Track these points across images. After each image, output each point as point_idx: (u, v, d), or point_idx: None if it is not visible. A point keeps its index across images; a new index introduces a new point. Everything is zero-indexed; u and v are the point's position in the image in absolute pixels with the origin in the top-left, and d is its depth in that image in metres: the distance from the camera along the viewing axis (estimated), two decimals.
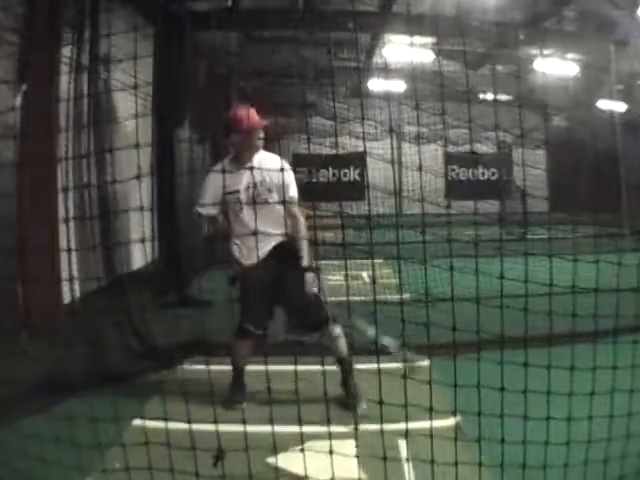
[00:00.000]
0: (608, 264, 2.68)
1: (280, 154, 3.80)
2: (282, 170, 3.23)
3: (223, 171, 3.45)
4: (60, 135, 4.75)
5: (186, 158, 7.56)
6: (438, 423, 2.68)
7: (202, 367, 2.47)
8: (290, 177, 3.61)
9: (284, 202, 3.18)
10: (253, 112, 3.63)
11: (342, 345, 3.67)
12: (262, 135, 3.64)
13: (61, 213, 4.60)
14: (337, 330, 3.64)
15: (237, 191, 3.57)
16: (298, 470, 2.49)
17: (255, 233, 2.88)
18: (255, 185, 3.54)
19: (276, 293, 3.56)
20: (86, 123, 5.03)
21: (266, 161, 3.62)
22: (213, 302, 5.53)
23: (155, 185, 6.78)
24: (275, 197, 3.55)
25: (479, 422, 2.26)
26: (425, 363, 3.25)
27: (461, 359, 2.40)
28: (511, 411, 2.26)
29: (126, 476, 2.43)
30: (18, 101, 4.54)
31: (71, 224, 4.65)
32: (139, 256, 5.39)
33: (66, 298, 5.04)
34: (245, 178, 3.54)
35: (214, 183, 3.57)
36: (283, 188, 3.37)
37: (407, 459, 2.79)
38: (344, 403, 3.55)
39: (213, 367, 2.93)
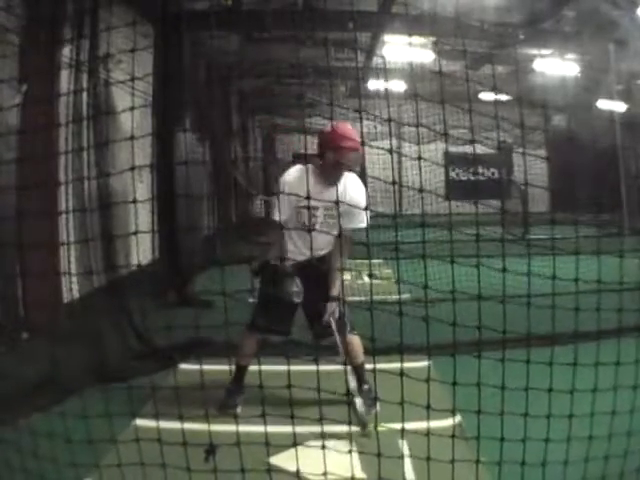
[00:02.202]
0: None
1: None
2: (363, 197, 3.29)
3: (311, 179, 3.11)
4: (60, 136, 4.76)
5: (186, 157, 7.55)
6: (438, 423, 2.69)
7: (201, 367, 2.46)
8: (364, 203, 3.51)
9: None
10: (354, 130, 3.41)
11: (357, 352, 3.66)
12: (357, 157, 3.46)
13: (62, 215, 4.62)
14: (353, 337, 3.63)
15: (315, 208, 3.37)
16: (294, 469, 2.48)
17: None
18: (336, 207, 3.26)
19: (306, 293, 3.51)
20: (85, 123, 5.03)
21: (351, 185, 3.49)
22: (214, 302, 5.57)
23: (155, 184, 6.79)
24: (343, 223, 3.35)
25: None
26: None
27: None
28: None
29: (125, 475, 2.43)
30: (18, 100, 4.54)
31: (71, 223, 4.66)
32: (139, 255, 5.37)
33: (66, 297, 5.03)
34: (327, 196, 3.29)
35: (294, 190, 3.28)
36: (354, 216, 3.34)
37: (406, 457, 2.79)
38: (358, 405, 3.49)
39: (213, 367, 2.95)
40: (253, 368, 3.48)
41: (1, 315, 4.63)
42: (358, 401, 3.44)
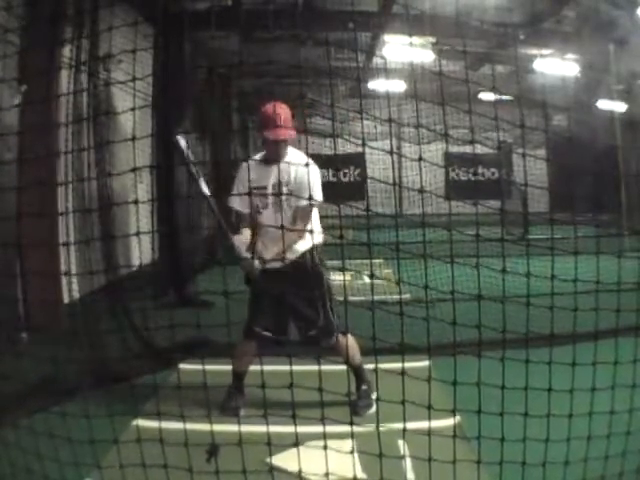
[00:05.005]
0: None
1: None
2: (308, 169, 3.11)
3: (264, 162, 3.42)
4: (60, 138, 4.76)
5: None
6: (438, 423, 2.69)
7: (201, 367, 2.46)
8: (317, 178, 3.52)
9: (309, 202, 3.15)
10: (287, 108, 3.52)
11: (354, 353, 3.64)
12: (294, 133, 3.52)
13: (62, 211, 4.62)
14: (349, 338, 3.59)
15: (264, 187, 3.49)
16: (295, 469, 2.48)
17: (282, 228, 2.75)
18: (280, 183, 3.43)
19: (289, 299, 3.50)
20: (85, 125, 5.02)
21: (297, 160, 3.47)
22: (214, 302, 5.57)
23: (155, 184, 6.79)
24: (299, 198, 3.41)
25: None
26: None
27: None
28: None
29: (126, 475, 2.43)
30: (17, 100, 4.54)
31: (71, 223, 4.66)
32: (139, 255, 5.38)
33: (66, 297, 5.03)
34: (273, 175, 3.46)
35: (244, 176, 3.39)
36: (309, 188, 3.17)
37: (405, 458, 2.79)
38: (354, 406, 3.49)
39: (213, 367, 2.95)
40: (254, 368, 3.48)
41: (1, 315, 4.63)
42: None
